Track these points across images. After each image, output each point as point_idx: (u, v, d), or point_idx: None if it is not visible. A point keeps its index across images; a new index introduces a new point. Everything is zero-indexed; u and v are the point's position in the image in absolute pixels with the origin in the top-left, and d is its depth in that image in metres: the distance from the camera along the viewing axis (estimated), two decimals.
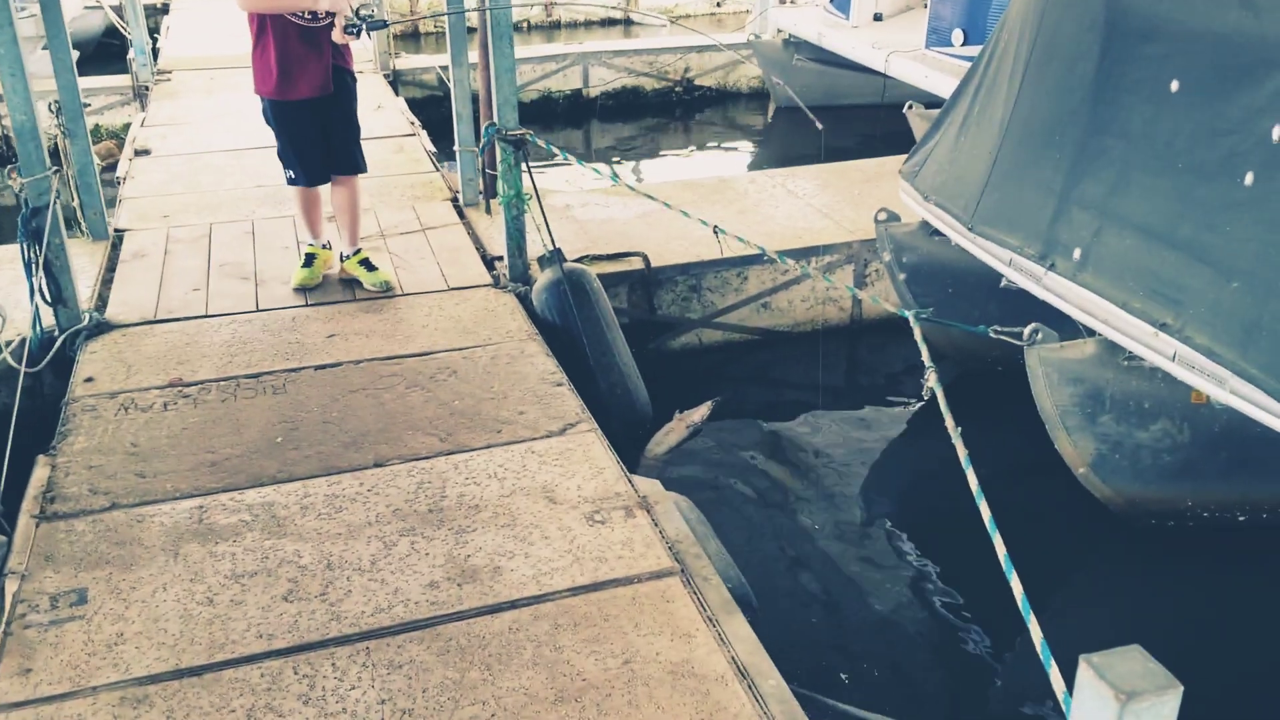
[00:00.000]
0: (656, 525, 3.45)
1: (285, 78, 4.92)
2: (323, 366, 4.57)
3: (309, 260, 5.37)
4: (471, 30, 6.48)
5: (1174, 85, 3.76)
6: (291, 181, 5.25)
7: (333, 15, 4.86)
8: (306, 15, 4.83)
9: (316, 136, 5.11)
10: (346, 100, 5.14)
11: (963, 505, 3.57)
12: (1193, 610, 4.18)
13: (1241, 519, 4.27)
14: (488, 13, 5.06)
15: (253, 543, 3.38)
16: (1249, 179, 3.42)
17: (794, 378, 5.82)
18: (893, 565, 4.34)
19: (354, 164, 5.25)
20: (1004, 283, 4.80)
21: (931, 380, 3.48)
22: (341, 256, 5.42)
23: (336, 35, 4.89)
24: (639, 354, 5.26)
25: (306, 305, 5.17)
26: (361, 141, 5.30)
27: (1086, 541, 4.45)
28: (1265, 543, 4.28)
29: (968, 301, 5.17)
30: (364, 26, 4.90)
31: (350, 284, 5.39)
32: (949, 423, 3.14)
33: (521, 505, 3.57)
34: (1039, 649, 2.18)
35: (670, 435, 4.94)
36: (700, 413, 5.04)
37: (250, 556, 3.31)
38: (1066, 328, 4.33)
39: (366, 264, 5.36)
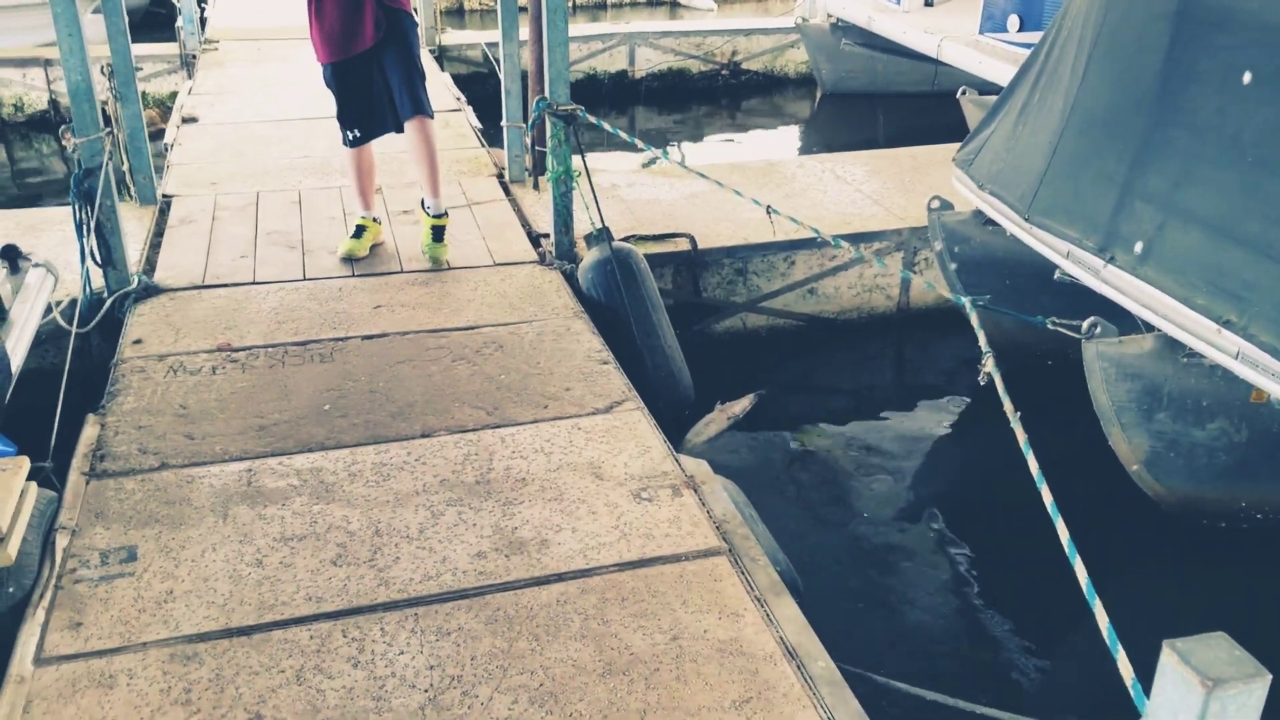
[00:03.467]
0: (704, 504, 3.43)
1: (337, 39, 4.92)
2: (370, 336, 4.57)
3: (359, 231, 5.37)
4: (521, 10, 6.45)
5: (1246, 77, 3.67)
6: (352, 142, 5.23)
7: None
8: None
9: (378, 87, 5.07)
10: (403, 43, 5.05)
11: (1013, 494, 3.53)
12: (1246, 609, 4.11)
13: None
14: None
15: (301, 507, 3.38)
16: None
17: (839, 365, 5.78)
18: (940, 554, 4.30)
19: (418, 105, 5.08)
20: (1058, 275, 4.73)
21: (989, 365, 3.43)
22: (423, 203, 5.36)
23: None
24: (682, 336, 5.24)
25: (353, 275, 5.18)
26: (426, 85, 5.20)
27: (1137, 538, 4.37)
28: None
29: (1020, 294, 5.09)
30: None
31: (397, 257, 5.38)
32: (1007, 406, 3.09)
33: (568, 480, 3.56)
34: (1105, 633, 2.14)
35: (711, 425, 4.92)
36: (741, 405, 5.01)
37: (299, 520, 3.31)
38: (1123, 323, 4.26)
39: (438, 232, 5.32)
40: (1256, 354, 3.44)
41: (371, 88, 5.08)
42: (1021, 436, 2.87)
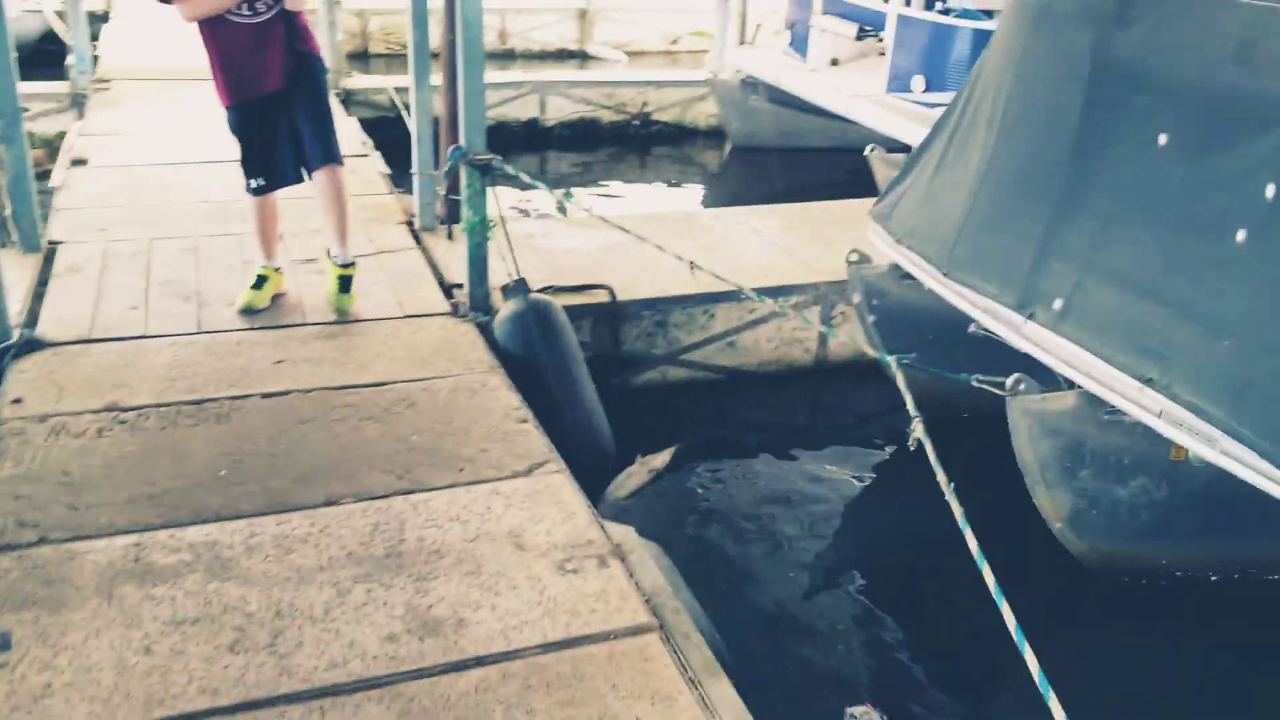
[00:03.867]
0: (632, 576, 3.27)
1: (241, 79, 4.70)
2: (270, 394, 4.32)
3: (259, 282, 5.11)
4: (433, 55, 6.30)
5: (1162, 138, 3.72)
6: (257, 191, 4.99)
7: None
8: (245, 10, 4.56)
9: (284, 133, 4.86)
10: (313, 87, 4.85)
11: (938, 550, 3.46)
12: (1167, 667, 4.10)
13: (1214, 578, 4.22)
14: (459, 33, 4.89)
15: (194, 586, 3.12)
16: (1241, 236, 3.38)
17: (759, 419, 5.68)
18: (867, 617, 4.21)
19: (330, 152, 4.89)
20: (972, 328, 4.73)
21: (918, 430, 3.35)
22: (329, 252, 5.12)
23: (290, 2, 4.64)
24: (602, 389, 5.09)
25: (253, 329, 4.91)
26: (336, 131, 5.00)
27: (1062, 595, 4.33)
28: (1239, 601, 4.22)
29: (939, 347, 5.07)
30: None
31: (300, 308, 5.14)
32: (941, 478, 3.01)
33: (486, 551, 3.36)
34: None
35: (631, 479, 4.77)
36: (662, 459, 4.88)
37: (192, 601, 3.05)
38: (1043, 378, 4.25)
39: (345, 282, 5.07)
40: (1180, 413, 3.44)
41: (277, 133, 4.86)
42: (958, 511, 2.79)
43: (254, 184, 4.96)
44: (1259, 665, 4.05)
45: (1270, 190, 3.27)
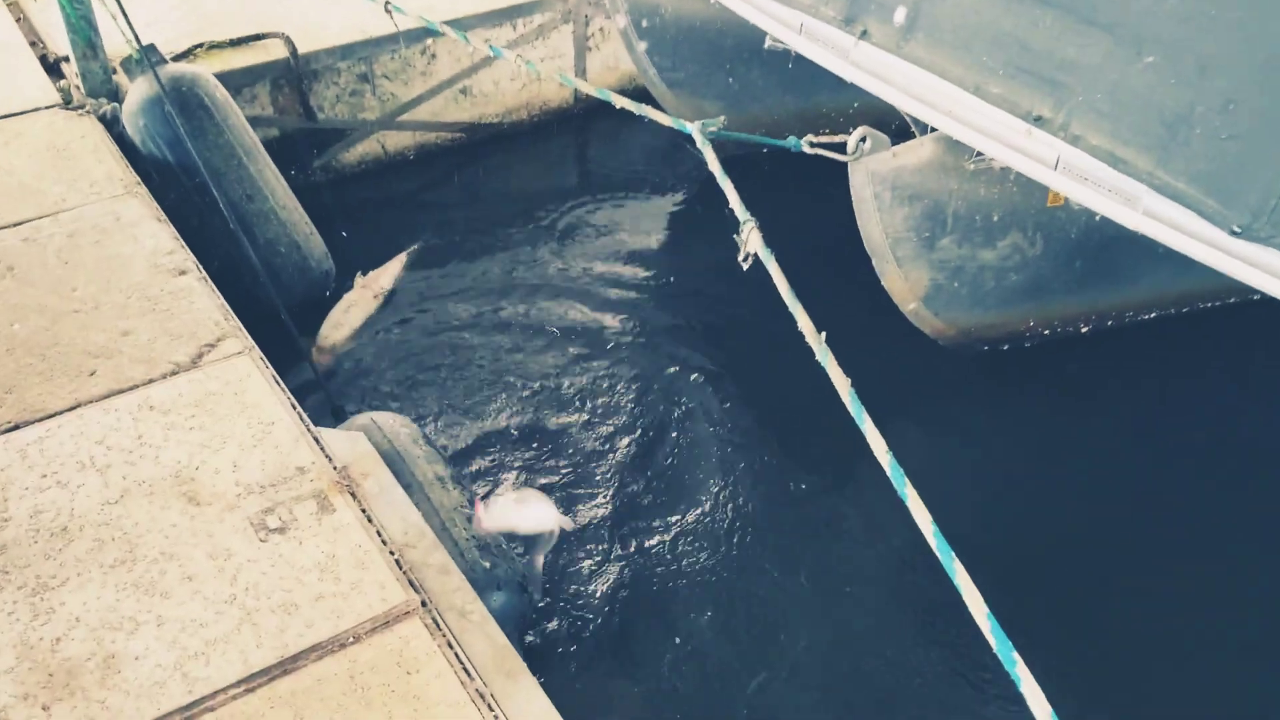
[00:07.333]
0: (371, 521, 2.20)
1: None
2: None
3: None
4: None
5: None
6: None
7: None
8: None
9: None
10: None
11: (767, 327, 2.60)
12: (1025, 431, 3.51)
13: (1085, 329, 3.57)
14: None
15: None
16: None
17: (516, 184, 4.46)
18: (691, 431, 3.32)
19: None
20: (768, 43, 3.67)
21: (753, 241, 2.32)
22: None
23: None
24: (297, 182, 3.79)
25: None
26: None
27: (917, 374, 3.59)
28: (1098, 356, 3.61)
29: (727, 74, 4.02)
30: None
31: None
32: (808, 328, 2.05)
33: (142, 517, 2.19)
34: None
35: (352, 311, 3.58)
36: (390, 271, 3.72)
37: None
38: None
39: None
40: (1085, 162, 2.56)
41: None
42: (844, 384, 1.87)
43: None
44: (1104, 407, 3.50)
45: None
